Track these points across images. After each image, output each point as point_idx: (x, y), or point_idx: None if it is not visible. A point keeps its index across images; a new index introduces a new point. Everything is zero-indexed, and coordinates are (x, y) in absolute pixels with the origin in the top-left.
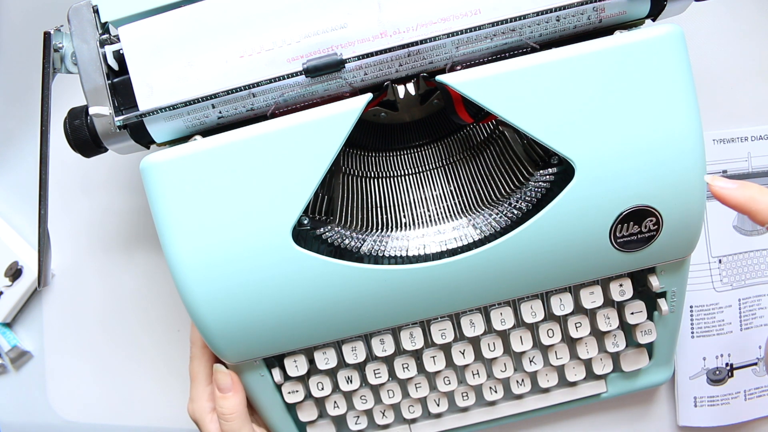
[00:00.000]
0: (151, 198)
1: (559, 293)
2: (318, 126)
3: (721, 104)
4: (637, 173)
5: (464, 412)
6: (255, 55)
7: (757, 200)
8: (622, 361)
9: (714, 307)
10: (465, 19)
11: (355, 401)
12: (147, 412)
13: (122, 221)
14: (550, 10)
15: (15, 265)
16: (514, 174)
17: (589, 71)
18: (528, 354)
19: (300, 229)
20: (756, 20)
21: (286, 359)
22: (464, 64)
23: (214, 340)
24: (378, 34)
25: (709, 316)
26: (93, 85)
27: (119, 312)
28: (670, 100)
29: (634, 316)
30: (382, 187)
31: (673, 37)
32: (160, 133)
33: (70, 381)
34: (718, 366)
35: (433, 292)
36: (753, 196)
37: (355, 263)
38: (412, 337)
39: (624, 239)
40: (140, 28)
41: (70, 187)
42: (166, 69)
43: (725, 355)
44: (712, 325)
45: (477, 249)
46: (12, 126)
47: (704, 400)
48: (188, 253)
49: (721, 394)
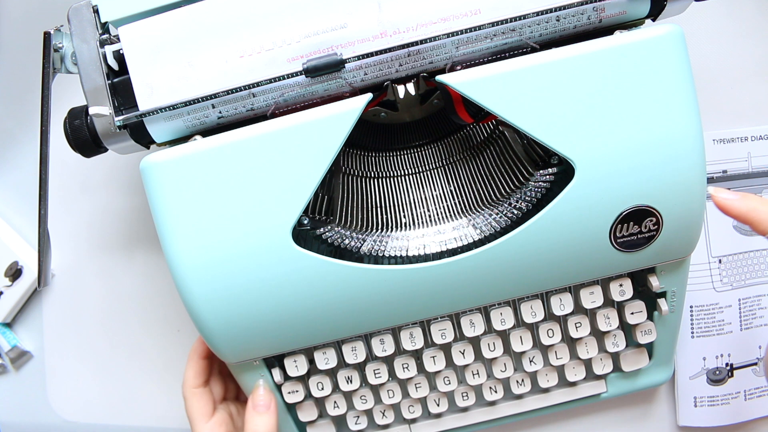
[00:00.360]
0: (151, 198)
1: (559, 293)
2: (318, 126)
3: (721, 104)
4: (637, 173)
5: (464, 412)
6: (255, 55)
7: (759, 210)
8: (622, 361)
9: (714, 307)
10: (465, 19)
11: (355, 401)
12: (147, 412)
13: (122, 221)
14: (550, 10)
15: (15, 265)
16: (514, 174)
17: (589, 71)
18: (528, 354)
19: (300, 229)
20: (756, 20)
21: (286, 359)
22: (464, 64)
23: (214, 340)
24: (378, 34)
25: (709, 316)
26: (93, 85)
27: (119, 312)
28: (670, 100)
29: (634, 316)
30: (382, 187)
31: (673, 37)
32: (160, 133)
33: (70, 381)
34: (718, 366)
35: (433, 292)
36: (755, 207)
37: (355, 263)
38: (412, 337)
39: (624, 239)
40: (140, 28)
41: (70, 187)
42: (166, 69)
43: (725, 355)
44: (712, 325)
45: (477, 249)
46: (12, 126)
47: (704, 400)
48: (188, 253)
49: (721, 394)
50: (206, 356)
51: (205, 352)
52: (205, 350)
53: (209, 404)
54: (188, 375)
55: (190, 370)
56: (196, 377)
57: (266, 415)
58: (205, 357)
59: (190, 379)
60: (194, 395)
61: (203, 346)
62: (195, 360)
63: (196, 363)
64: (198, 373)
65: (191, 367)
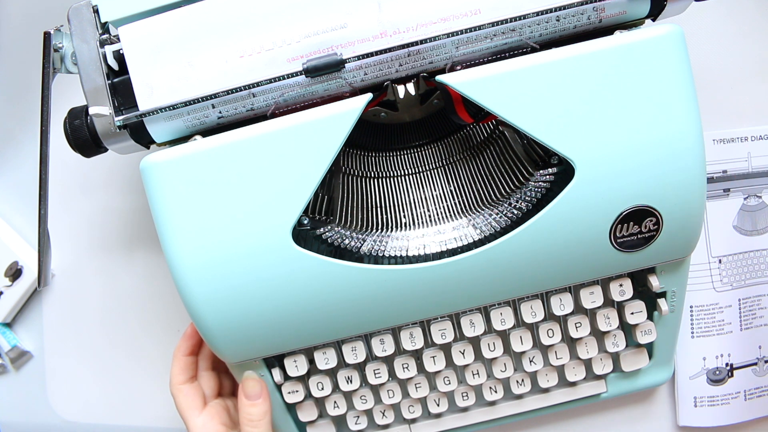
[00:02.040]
0: (151, 198)
1: (559, 293)
2: (318, 126)
3: (721, 104)
4: (637, 173)
5: (464, 412)
6: (255, 55)
7: None
8: (622, 361)
9: (714, 307)
10: (465, 19)
11: (355, 401)
12: (147, 412)
13: (122, 221)
14: (550, 10)
15: (15, 265)
16: (514, 174)
17: (589, 71)
18: (528, 354)
19: (300, 229)
20: (756, 20)
21: (286, 359)
22: (464, 64)
23: (214, 340)
24: (378, 34)
25: (709, 316)
26: (93, 85)
27: (119, 312)
28: (670, 100)
29: (634, 316)
30: (382, 187)
31: (673, 37)
32: (160, 133)
33: (70, 381)
34: (718, 366)
35: (433, 292)
36: None
37: (355, 263)
38: (412, 337)
39: (624, 239)
40: (140, 28)
41: (70, 187)
42: (166, 69)
43: (725, 355)
44: (712, 325)
45: (477, 249)
46: (12, 126)
47: (704, 400)
48: (188, 253)
49: (721, 394)
50: (190, 353)
51: (188, 349)
52: (188, 348)
53: (198, 398)
54: (173, 372)
55: (175, 367)
56: (180, 374)
57: (259, 403)
58: (188, 354)
59: (175, 376)
60: (180, 391)
61: (186, 344)
62: (178, 358)
63: (179, 360)
64: (182, 370)
65: (176, 365)
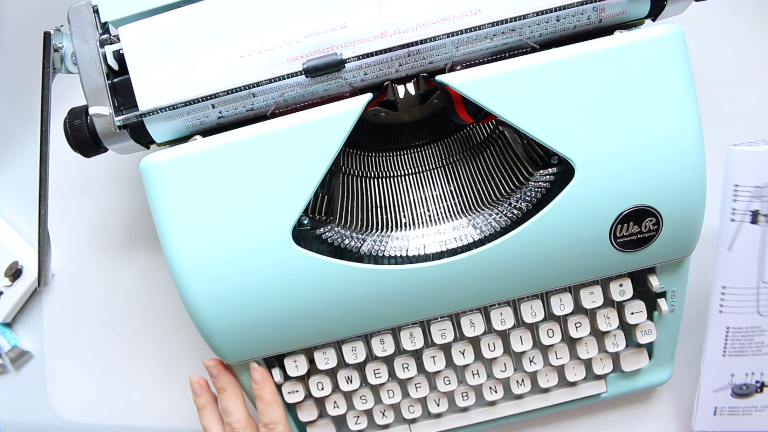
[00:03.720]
0: (151, 198)
1: (559, 293)
2: (318, 126)
3: (721, 104)
4: (637, 173)
5: (464, 412)
6: (255, 55)
7: None
8: (622, 361)
9: (755, 330)
10: (465, 19)
11: (355, 401)
12: (147, 412)
13: (122, 221)
14: (550, 10)
15: (15, 265)
16: (514, 174)
17: (589, 71)
18: (528, 354)
19: (300, 229)
20: (756, 20)
21: (286, 359)
22: (464, 64)
23: (214, 340)
24: (378, 34)
25: (747, 337)
26: (93, 85)
27: (119, 312)
28: (670, 100)
29: (634, 316)
30: (382, 187)
31: (673, 37)
32: (160, 133)
33: (70, 381)
34: (746, 382)
35: (433, 292)
36: None
37: (355, 263)
38: (412, 337)
39: (624, 239)
40: (140, 28)
41: (70, 187)
42: (166, 69)
43: (756, 373)
44: (748, 346)
45: (477, 249)
46: (12, 126)
47: (725, 409)
48: (188, 253)
49: (744, 406)
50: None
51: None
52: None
53: None
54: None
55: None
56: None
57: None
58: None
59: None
60: None
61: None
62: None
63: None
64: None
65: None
